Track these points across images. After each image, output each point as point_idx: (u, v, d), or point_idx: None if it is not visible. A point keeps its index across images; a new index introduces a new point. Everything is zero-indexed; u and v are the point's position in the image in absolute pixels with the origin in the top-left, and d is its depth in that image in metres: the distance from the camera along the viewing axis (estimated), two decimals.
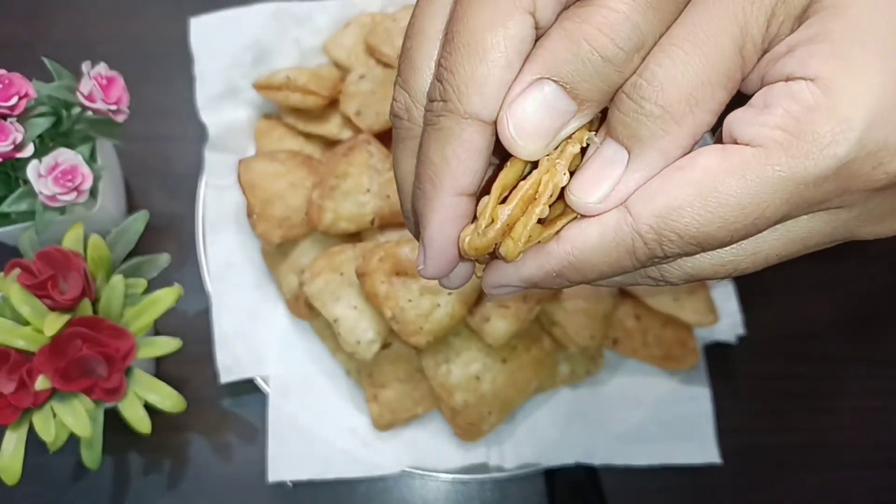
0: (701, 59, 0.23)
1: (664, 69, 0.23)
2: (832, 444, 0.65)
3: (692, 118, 0.23)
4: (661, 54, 0.23)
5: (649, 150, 0.24)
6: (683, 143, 0.24)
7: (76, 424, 0.50)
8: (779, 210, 0.23)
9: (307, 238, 0.63)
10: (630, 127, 0.24)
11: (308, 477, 0.59)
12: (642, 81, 0.23)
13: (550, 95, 0.24)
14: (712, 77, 0.23)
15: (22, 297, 0.50)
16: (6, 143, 0.52)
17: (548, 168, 0.25)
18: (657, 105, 0.23)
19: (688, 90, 0.23)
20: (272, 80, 0.64)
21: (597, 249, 0.25)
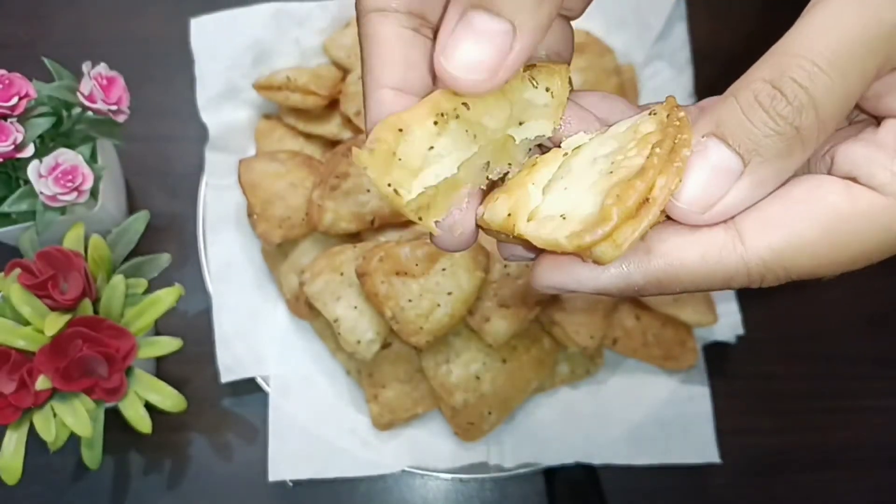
0: (842, 88, 0.22)
1: (808, 92, 0.22)
2: (832, 444, 0.65)
3: (817, 141, 0.23)
4: (801, 72, 0.22)
5: (769, 167, 0.23)
6: (797, 166, 0.23)
7: (76, 424, 0.50)
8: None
9: (307, 238, 0.63)
10: (755, 139, 0.23)
11: (308, 476, 0.59)
12: (783, 98, 0.22)
13: (478, 21, 0.24)
14: (848, 105, 0.23)
15: (22, 297, 0.50)
16: (7, 144, 0.52)
17: (660, 168, 0.23)
18: (793, 126, 0.22)
19: (825, 118, 0.22)
20: (272, 81, 0.64)
21: (694, 270, 0.24)
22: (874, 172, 0.23)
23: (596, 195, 0.24)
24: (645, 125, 0.26)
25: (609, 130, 0.27)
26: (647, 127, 0.26)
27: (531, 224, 0.25)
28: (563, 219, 0.24)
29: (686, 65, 0.72)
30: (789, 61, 0.22)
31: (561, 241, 0.24)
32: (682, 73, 0.72)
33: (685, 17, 0.72)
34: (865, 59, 0.22)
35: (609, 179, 0.24)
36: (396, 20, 0.26)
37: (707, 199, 0.23)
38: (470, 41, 0.24)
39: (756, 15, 0.79)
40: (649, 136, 0.25)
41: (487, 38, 0.24)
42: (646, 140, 0.25)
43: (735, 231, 0.23)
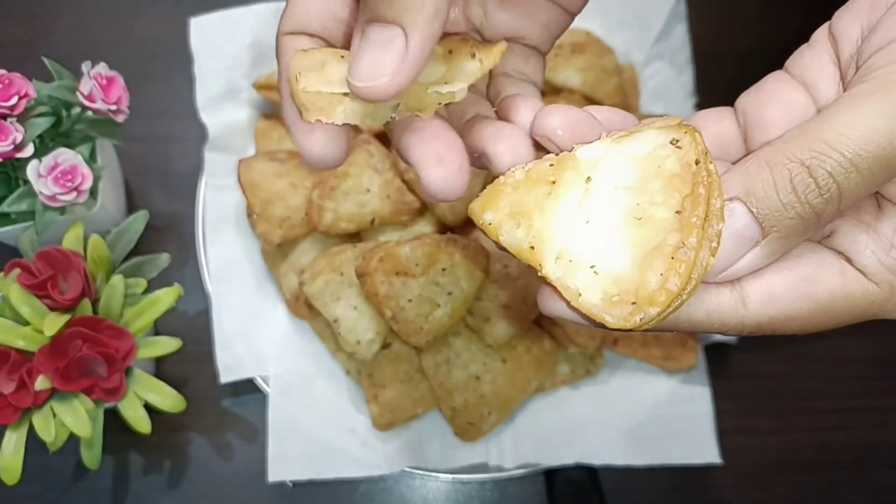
0: (870, 185, 0.23)
1: (840, 188, 0.23)
2: (832, 444, 0.65)
3: (828, 221, 0.25)
4: (838, 168, 0.23)
5: (783, 242, 0.25)
6: (806, 239, 0.26)
7: (76, 424, 0.50)
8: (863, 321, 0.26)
9: (307, 238, 0.63)
10: (780, 217, 0.24)
11: (308, 477, 0.59)
12: (817, 189, 0.24)
13: (373, 33, 0.25)
14: (866, 197, 0.24)
15: (22, 297, 0.50)
16: (6, 143, 0.52)
17: (700, 247, 0.25)
18: (815, 214, 0.24)
19: (844, 209, 0.24)
20: (272, 80, 0.64)
21: (697, 324, 0.26)
22: (867, 259, 0.25)
23: (626, 246, 0.26)
24: (670, 161, 0.26)
25: (625, 144, 0.27)
26: (672, 165, 0.26)
27: (558, 268, 0.26)
28: (595, 273, 0.26)
29: (686, 65, 0.72)
30: (825, 150, 0.23)
31: (606, 318, 0.25)
32: (682, 73, 0.72)
33: (685, 17, 0.72)
34: (892, 160, 0.23)
35: (639, 230, 0.26)
36: (307, 43, 0.30)
37: (724, 263, 0.25)
38: (369, 53, 0.26)
39: (756, 15, 0.79)
40: (675, 179, 0.26)
41: (382, 46, 0.26)
42: (672, 185, 0.26)
43: (740, 294, 0.26)
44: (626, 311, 0.25)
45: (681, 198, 0.25)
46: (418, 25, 0.25)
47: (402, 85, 0.26)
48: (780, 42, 0.78)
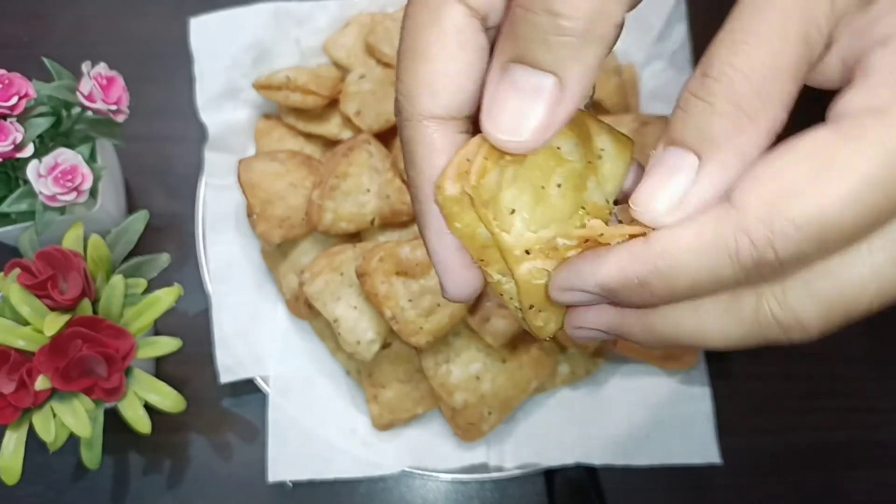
0: (767, 51, 0.21)
1: (732, 66, 0.21)
2: (832, 444, 0.65)
3: (765, 113, 0.21)
4: (725, 50, 0.22)
5: (725, 151, 0.22)
6: (760, 142, 0.22)
7: (76, 424, 0.50)
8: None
9: (307, 238, 0.63)
10: (700, 128, 0.22)
11: (308, 477, 0.59)
12: (710, 79, 0.22)
13: (521, 77, 0.23)
14: (781, 68, 0.21)
15: (22, 297, 0.50)
16: (6, 143, 0.52)
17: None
18: (729, 102, 0.21)
19: (758, 84, 0.21)
20: (272, 80, 0.64)
21: (694, 250, 0.22)
22: (854, 103, 0.21)
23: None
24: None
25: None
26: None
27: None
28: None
29: (686, 65, 0.72)
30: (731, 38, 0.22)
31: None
32: (682, 73, 0.72)
33: (685, 17, 0.72)
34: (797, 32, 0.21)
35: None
36: (457, 128, 0.25)
37: (666, 196, 0.23)
38: (514, 100, 0.23)
39: None
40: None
41: (531, 94, 0.23)
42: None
43: (726, 200, 0.22)
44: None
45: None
46: (574, 78, 0.22)
47: (544, 142, 0.23)
48: None
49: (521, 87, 0.23)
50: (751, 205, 0.21)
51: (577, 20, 0.21)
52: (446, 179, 0.26)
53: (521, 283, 0.26)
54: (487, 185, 0.25)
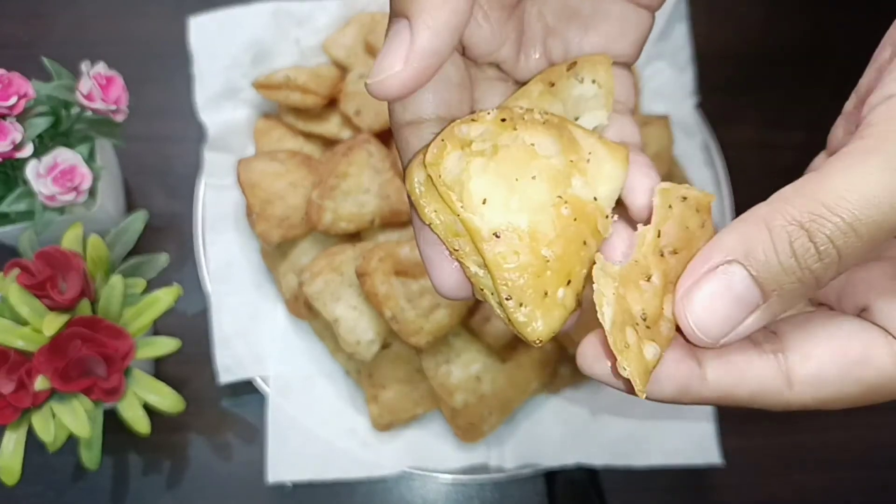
0: (869, 247, 0.23)
1: (839, 252, 0.23)
2: (832, 444, 0.65)
3: (826, 283, 0.24)
4: (836, 231, 0.23)
5: (783, 305, 0.25)
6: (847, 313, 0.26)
7: (75, 425, 0.50)
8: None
9: (307, 238, 0.63)
10: (779, 280, 0.24)
11: (308, 477, 0.59)
12: (816, 254, 0.23)
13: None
14: (867, 258, 0.25)
15: (21, 297, 0.50)
16: (5, 143, 0.52)
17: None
18: (815, 278, 0.24)
19: (843, 270, 0.24)
20: (272, 80, 0.64)
21: (740, 402, 0.26)
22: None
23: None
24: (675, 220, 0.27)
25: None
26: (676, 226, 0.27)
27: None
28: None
29: (687, 65, 0.72)
30: (825, 213, 0.23)
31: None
32: (682, 72, 0.72)
33: (686, 17, 0.72)
34: (891, 223, 0.23)
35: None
36: (429, 129, 0.27)
37: (725, 328, 0.25)
38: (385, 48, 0.24)
39: (757, 14, 0.79)
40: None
41: (393, 39, 0.24)
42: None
43: (786, 377, 0.25)
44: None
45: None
46: (423, 12, 0.24)
47: (411, 80, 0.24)
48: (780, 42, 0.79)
49: (389, 36, 0.24)
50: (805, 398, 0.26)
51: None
52: (413, 168, 0.26)
53: (492, 266, 0.25)
54: (448, 167, 0.26)
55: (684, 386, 0.26)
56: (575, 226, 0.26)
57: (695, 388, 0.26)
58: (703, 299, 0.25)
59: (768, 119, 0.74)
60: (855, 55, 0.74)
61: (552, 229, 0.26)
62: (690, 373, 0.26)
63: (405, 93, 0.25)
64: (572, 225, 0.26)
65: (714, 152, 0.69)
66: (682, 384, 0.26)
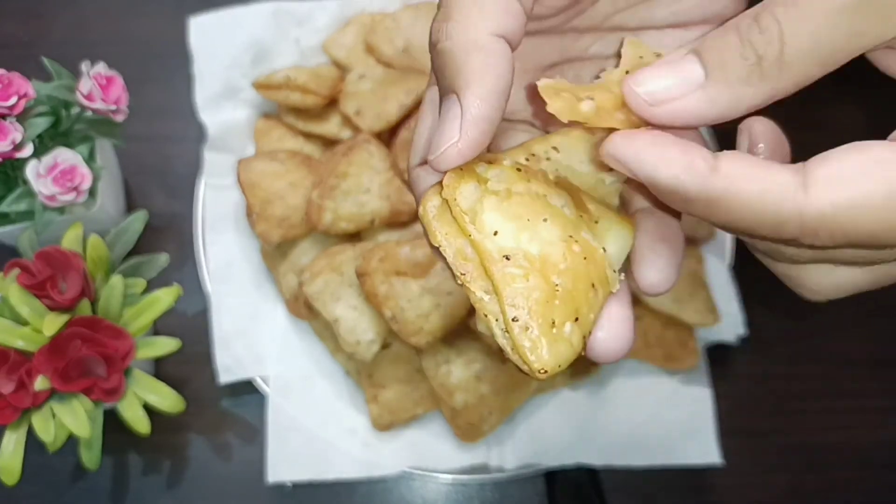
0: (817, 33, 0.23)
1: (780, 27, 0.23)
2: (832, 444, 0.65)
3: (777, 83, 0.24)
4: (781, 9, 0.23)
5: (725, 89, 0.24)
6: (756, 101, 0.25)
7: (75, 425, 0.50)
8: None
9: (307, 238, 0.63)
10: (721, 57, 0.24)
11: (308, 477, 0.59)
12: (757, 26, 0.23)
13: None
14: (820, 57, 0.23)
15: (21, 297, 0.50)
16: (5, 143, 0.52)
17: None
18: (756, 54, 0.23)
19: (790, 58, 0.23)
20: (271, 80, 0.64)
21: (748, 203, 0.23)
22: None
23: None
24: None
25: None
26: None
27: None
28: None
29: None
30: (774, 1, 0.23)
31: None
32: None
33: None
34: (841, 19, 0.22)
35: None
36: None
37: (662, 94, 0.25)
38: (440, 125, 0.25)
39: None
40: None
41: (445, 115, 0.25)
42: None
43: (802, 178, 0.22)
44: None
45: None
46: (469, 83, 0.25)
47: (468, 148, 0.25)
48: None
49: (442, 113, 0.26)
50: (821, 200, 0.22)
51: (446, 41, 0.25)
52: (427, 195, 0.27)
53: (500, 285, 0.25)
54: (465, 194, 0.26)
55: (692, 169, 0.23)
56: (585, 264, 0.26)
57: (702, 172, 0.23)
58: (650, 72, 0.25)
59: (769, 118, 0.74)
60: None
61: (562, 261, 0.26)
62: (703, 159, 0.23)
63: (464, 161, 0.25)
64: (582, 263, 0.26)
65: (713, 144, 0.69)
66: (691, 167, 0.23)
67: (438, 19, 0.26)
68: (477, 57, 0.25)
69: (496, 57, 0.25)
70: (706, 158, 0.23)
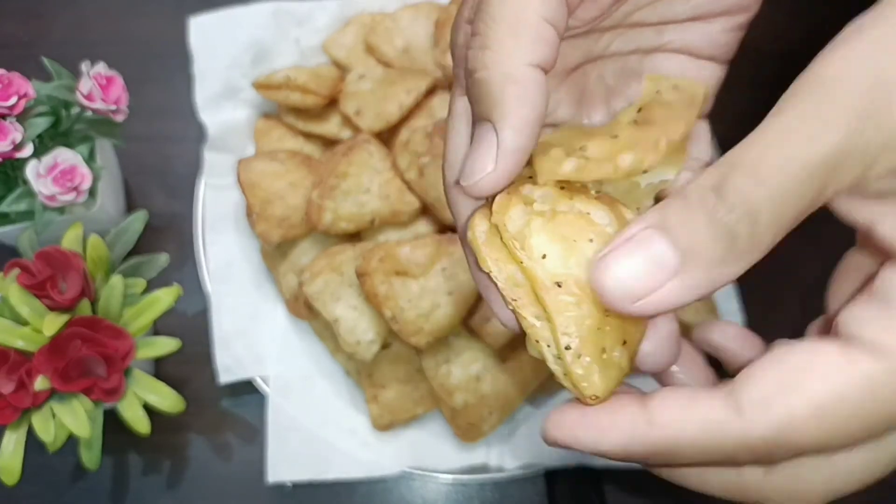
0: (782, 203, 0.22)
1: (749, 204, 0.22)
2: None
3: (751, 257, 0.23)
4: (745, 182, 0.22)
5: (702, 273, 0.23)
6: (731, 278, 0.24)
7: (75, 425, 0.50)
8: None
9: (307, 238, 0.63)
10: (693, 241, 0.23)
11: (308, 477, 0.59)
12: (724, 204, 0.22)
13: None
14: (786, 222, 0.22)
15: (21, 297, 0.50)
16: (6, 143, 0.52)
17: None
18: (730, 232, 0.22)
19: (761, 232, 0.22)
20: (272, 80, 0.64)
21: (696, 444, 0.23)
22: (869, 333, 0.22)
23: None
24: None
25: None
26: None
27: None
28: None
29: None
30: (735, 172, 0.22)
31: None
32: None
33: None
34: (806, 182, 0.22)
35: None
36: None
37: (640, 289, 0.24)
38: (474, 151, 0.26)
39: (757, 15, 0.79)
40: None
41: (480, 142, 0.26)
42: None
43: (734, 402, 0.23)
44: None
45: None
46: (505, 114, 0.25)
47: (503, 178, 0.25)
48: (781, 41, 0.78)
49: (476, 139, 0.26)
50: (757, 424, 0.22)
51: (483, 70, 0.25)
52: (475, 219, 0.27)
53: (553, 314, 0.25)
54: (513, 218, 0.26)
55: (630, 433, 0.24)
56: None
57: (641, 431, 0.24)
58: (619, 259, 0.24)
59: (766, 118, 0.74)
60: None
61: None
62: (635, 416, 0.24)
63: (498, 190, 0.26)
64: None
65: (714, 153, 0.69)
66: (628, 431, 0.24)
67: (475, 46, 0.26)
68: (513, 89, 0.25)
69: (532, 89, 0.25)
70: (638, 413, 0.24)
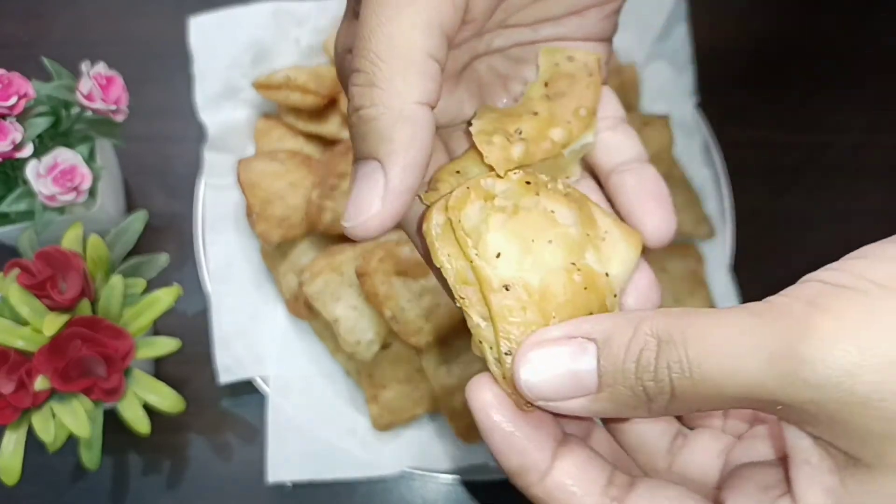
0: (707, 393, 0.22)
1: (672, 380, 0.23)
2: None
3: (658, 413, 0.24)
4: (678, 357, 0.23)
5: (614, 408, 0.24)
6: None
7: (75, 425, 0.50)
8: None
9: (306, 238, 0.63)
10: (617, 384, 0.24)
11: (308, 477, 0.59)
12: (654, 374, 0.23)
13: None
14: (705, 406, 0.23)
15: (21, 297, 0.50)
16: (6, 143, 0.52)
17: None
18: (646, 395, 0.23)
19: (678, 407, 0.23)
20: (271, 80, 0.64)
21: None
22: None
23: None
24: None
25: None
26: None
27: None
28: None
29: (687, 64, 0.72)
30: (681, 341, 0.22)
31: None
32: (682, 72, 0.72)
33: (685, 16, 0.72)
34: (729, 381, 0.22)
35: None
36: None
37: (551, 394, 0.24)
38: (356, 190, 0.26)
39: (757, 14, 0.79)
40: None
41: (365, 181, 0.25)
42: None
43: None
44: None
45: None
46: (392, 153, 0.25)
47: (390, 220, 0.25)
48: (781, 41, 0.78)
49: (359, 177, 0.25)
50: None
51: (371, 108, 0.25)
52: (432, 211, 0.27)
53: (497, 318, 0.25)
54: (469, 214, 0.26)
55: (523, 464, 0.24)
56: (585, 294, 0.26)
57: (534, 474, 0.24)
58: (546, 358, 0.24)
59: (768, 119, 0.74)
60: (855, 55, 0.74)
61: (562, 293, 0.26)
62: (539, 460, 0.25)
63: (386, 230, 0.26)
64: (582, 293, 0.26)
65: (714, 152, 0.69)
66: (523, 462, 0.24)
67: (361, 84, 0.25)
68: (403, 128, 0.25)
69: (422, 127, 0.25)
70: (541, 460, 0.25)
